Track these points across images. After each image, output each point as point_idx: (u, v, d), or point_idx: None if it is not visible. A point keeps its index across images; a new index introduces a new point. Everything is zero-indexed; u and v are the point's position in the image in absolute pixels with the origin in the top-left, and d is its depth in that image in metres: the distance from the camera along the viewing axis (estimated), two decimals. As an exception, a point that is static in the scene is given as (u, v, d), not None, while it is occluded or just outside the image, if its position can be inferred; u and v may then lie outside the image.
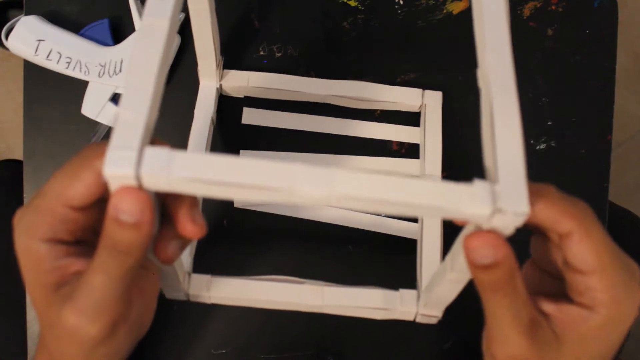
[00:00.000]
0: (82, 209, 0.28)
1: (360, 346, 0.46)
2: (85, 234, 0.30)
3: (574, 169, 0.50)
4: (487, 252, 0.26)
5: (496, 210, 0.25)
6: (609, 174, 0.50)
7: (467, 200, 0.25)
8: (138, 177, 0.24)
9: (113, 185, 0.25)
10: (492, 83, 0.28)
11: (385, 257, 0.47)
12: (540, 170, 0.50)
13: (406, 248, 0.47)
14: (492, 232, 0.26)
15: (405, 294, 0.42)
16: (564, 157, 0.50)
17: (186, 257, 0.44)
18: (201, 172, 0.24)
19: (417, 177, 0.25)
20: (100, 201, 0.28)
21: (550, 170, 0.50)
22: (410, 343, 0.46)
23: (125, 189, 0.25)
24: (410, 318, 0.43)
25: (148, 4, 0.28)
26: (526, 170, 0.26)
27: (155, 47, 0.27)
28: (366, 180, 0.25)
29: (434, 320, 0.42)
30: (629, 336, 0.61)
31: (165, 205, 0.29)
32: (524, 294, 0.28)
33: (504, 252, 0.26)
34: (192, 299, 0.42)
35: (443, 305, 0.40)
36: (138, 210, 0.25)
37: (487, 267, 0.26)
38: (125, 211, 0.25)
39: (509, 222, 0.25)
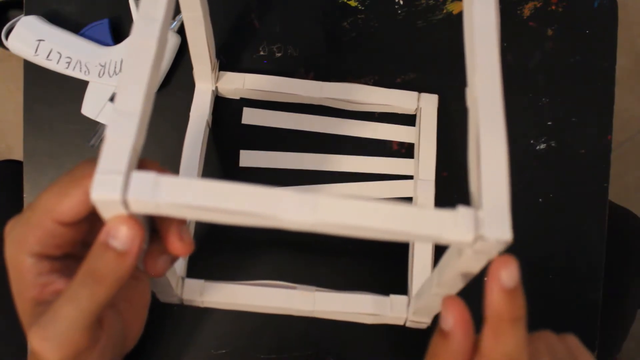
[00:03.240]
0: (70, 224, 0.29)
1: (361, 346, 0.46)
2: (74, 249, 0.30)
3: (574, 169, 0.50)
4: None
5: (478, 237, 0.25)
6: (609, 174, 0.50)
7: (449, 227, 0.25)
8: (125, 202, 0.25)
9: (101, 209, 0.26)
10: (480, 108, 0.28)
11: (381, 258, 0.47)
12: (540, 170, 0.50)
13: (402, 249, 0.47)
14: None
15: (396, 300, 0.42)
16: (564, 157, 0.50)
17: (180, 262, 0.44)
18: (187, 197, 0.25)
19: (405, 204, 0.26)
20: (89, 216, 0.29)
21: (550, 170, 0.50)
22: (411, 343, 0.46)
23: (121, 217, 0.26)
24: (400, 323, 0.43)
25: (136, 25, 0.28)
26: (510, 197, 0.26)
27: (142, 70, 0.27)
28: (349, 208, 0.25)
29: (423, 326, 0.43)
30: (629, 336, 0.61)
31: (154, 222, 0.29)
32: None
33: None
34: (185, 303, 0.42)
35: (432, 314, 0.40)
36: (129, 239, 0.26)
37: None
38: (117, 237, 0.26)
39: (491, 248, 0.26)
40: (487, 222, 0.25)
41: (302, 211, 0.25)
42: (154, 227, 0.30)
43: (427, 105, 0.49)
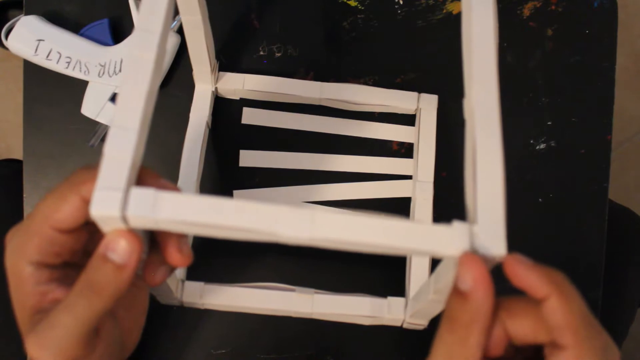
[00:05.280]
0: (69, 231, 0.29)
1: (360, 346, 0.46)
2: (74, 257, 0.30)
3: (574, 169, 0.50)
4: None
5: (473, 252, 0.25)
6: (609, 174, 0.50)
7: (445, 242, 0.26)
8: (124, 218, 0.25)
9: (100, 224, 0.26)
10: (477, 121, 0.28)
11: (379, 260, 0.47)
12: (540, 170, 0.50)
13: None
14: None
15: (393, 302, 0.42)
16: (564, 157, 0.50)
17: None
18: (186, 214, 0.25)
19: (400, 219, 0.26)
20: (88, 224, 0.29)
21: (550, 170, 0.50)
22: (411, 342, 0.46)
23: (120, 231, 0.26)
24: (397, 324, 0.43)
25: (134, 36, 0.28)
26: (506, 212, 0.26)
27: (140, 85, 0.27)
28: (346, 223, 0.26)
29: (420, 327, 0.43)
30: (628, 336, 0.61)
31: (154, 233, 0.29)
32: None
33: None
34: (185, 305, 0.43)
35: (429, 317, 0.41)
36: (127, 253, 0.26)
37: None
38: (115, 251, 0.26)
39: (486, 262, 0.26)
40: (482, 237, 0.26)
41: (299, 227, 0.25)
42: (154, 238, 0.30)
43: (426, 106, 0.49)
